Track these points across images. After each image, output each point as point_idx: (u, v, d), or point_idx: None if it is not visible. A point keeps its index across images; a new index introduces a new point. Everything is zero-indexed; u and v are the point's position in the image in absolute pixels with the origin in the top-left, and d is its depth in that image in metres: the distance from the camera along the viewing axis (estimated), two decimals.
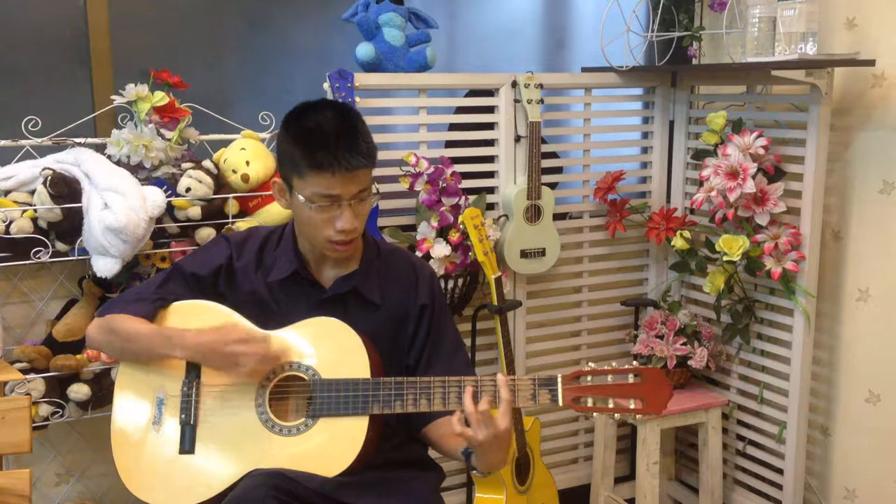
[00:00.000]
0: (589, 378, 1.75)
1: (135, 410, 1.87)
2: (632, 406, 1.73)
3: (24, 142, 2.31)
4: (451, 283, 2.71)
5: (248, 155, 2.40)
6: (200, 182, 2.33)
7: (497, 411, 1.71)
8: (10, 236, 2.16)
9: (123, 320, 1.87)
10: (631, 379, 1.74)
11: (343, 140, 1.74)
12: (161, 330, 1.86)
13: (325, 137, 1.74)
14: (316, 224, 1.80)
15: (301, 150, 1.76)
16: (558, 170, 3.07)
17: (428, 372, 1.92)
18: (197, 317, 1.89)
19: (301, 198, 1.78)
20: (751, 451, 3.00)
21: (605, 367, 1.75)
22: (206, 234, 2.36)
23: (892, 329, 2.67)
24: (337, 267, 1.92)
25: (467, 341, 2.82)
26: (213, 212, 2.37)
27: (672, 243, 2.94)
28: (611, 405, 1.74)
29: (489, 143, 2.91)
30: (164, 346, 1.82)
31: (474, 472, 1.80)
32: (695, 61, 3.11)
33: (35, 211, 2.18)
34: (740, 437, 3.03)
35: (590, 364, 1.78)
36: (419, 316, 1.94)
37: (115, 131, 2.34)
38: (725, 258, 2.70)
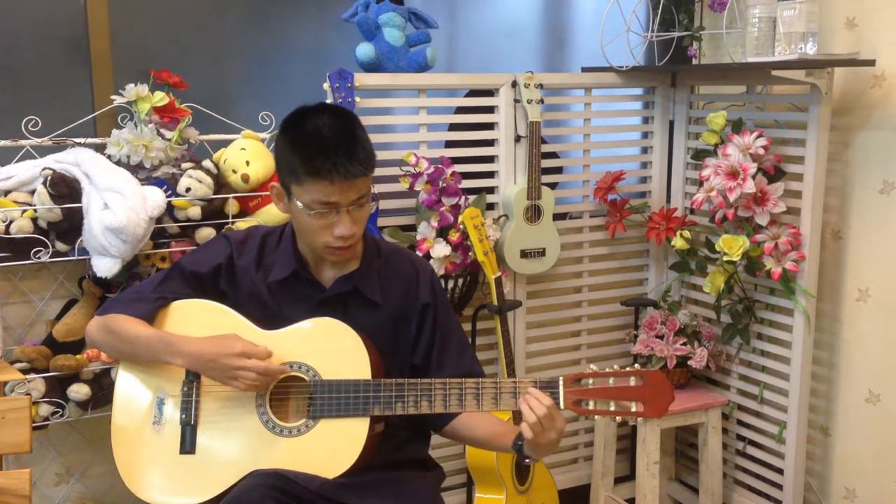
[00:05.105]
0: (590, 380, 1.74)
1: (135, 410, 1.87)
2: (633, 409, 1.73)
3: (24, 142, 2.31)
4: (451, 283, 2.71)
5: (248, 155, 2.40)
6: (200, 182, 2.33)
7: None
8: (10, 236, 2.16)
9: (123, 321, 1.86)
10: (633, 382, 1.73)
11: (342, 148, 1.72)
12: (162, 335, 1.85)
13: (323, 145, 1.73)
14: (314, 230, 1.79)
15: (299, 157, 1.74)
16: (558, 170, 3.07)
17: (440, 371, 1.91)
18: (197, 316, 1.90)
19: (299, 204, 1.77)
20: (751, 451, 3.00)
21: (607, 370, 1.75)
22: (206, 234, 2.36)
23: (892, 329, 2.67)
24: (337, 266, 1.91)
25: None
26: (213, 212, 2.37)
27: (672, 243, 2.94)
28: (612, 408, 1.73)
29: (489, 143, 2.90)
30: (164, 352, 1.82)
31: (528, 461, 1.80)
32: (695, 61, 3.11)
33: (35, 211, 2.18)
34: (740, 437, 3.03)
35: (591, 366, 1.78)
36: (422, 315, 1.93)
37: (115, 131, 2.34)
38: (725, 258, 2.70)
